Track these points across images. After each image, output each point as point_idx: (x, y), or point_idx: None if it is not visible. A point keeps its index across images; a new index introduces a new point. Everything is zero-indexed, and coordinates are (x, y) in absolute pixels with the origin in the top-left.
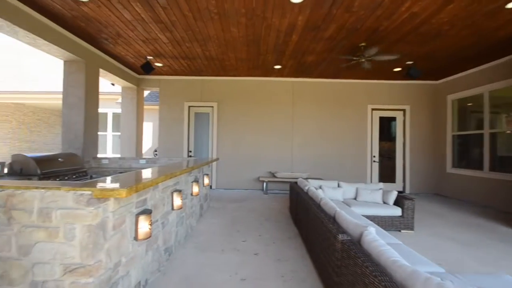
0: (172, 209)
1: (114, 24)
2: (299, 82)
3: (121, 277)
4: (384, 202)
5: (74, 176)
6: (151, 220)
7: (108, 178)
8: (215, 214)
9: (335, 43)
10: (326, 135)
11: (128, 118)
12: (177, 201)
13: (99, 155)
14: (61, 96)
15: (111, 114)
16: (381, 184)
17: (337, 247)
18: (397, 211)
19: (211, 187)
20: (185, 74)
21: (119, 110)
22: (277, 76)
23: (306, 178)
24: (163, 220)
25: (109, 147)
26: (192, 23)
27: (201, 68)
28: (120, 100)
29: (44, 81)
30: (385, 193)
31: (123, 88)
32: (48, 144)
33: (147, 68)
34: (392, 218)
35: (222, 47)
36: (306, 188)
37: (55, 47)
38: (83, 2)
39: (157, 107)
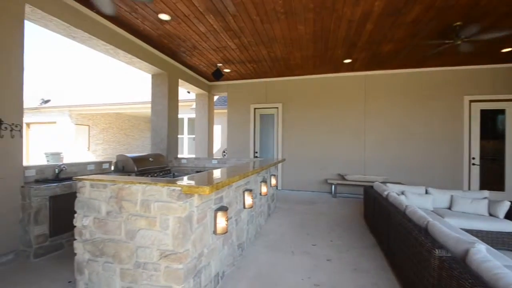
0: (244, 207)
1: (191, 38)
2: (372, 76)
3: (204, 267)
4: (491, 215)
5: (161, 174)
6: (227, 216)
7: (192, 176)
8: (282, 215)
9: (420, 27)
10: (406, 133)
11: (201, 122)
12: (248, 200)
13: (179, 156)
14: (147, 105)
15: (187, 119)
16: (486, 192)
17: (433, 264)
18: (509, 226)
19: (276, 188)
20: (250, 77)
21: (193, 115)
22: (346, 71)
23: (384, 182)
24: (236, 218)
25: (185, 148)
26: (259, 27)
27: (266, 70)
28: (194, 106)
29: (134, 93)
30: (492, 204)
31: (196, 95)
32: (139, 146)
33: (217, 75)
34: (502, 234)
35: (288, 46)
36: (386, 193)
37: (145, 63)
38: (166, 21)
39: (224, 110)
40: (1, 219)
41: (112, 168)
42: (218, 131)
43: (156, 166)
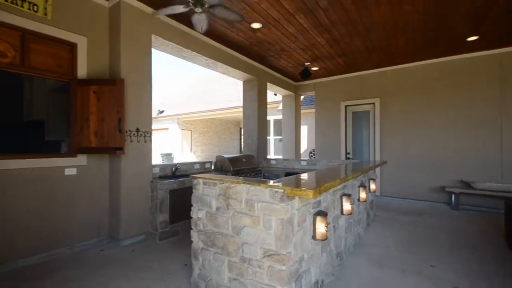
0: (342, 213)
1: (279, 41)
2: (510, 53)
3: (304, 272)
4: None
5: (253, 174)
6: (327, 222)
7: (290, 179)
8: (384, 226)
9: None
10: None
11: (287, 123)
12: (347, 205)
13: (268, 157)
14: (236, 110)
15: (272, 121)
16: None
17: None
18: None
19: (375, 194)
20: (341, 72)
21: (279, 117)
22: (469, 51)
23: None
24: (334, 224)
25: (271, 149)
26: (354, 16)
27: (360, 62)
28: (280, 108)
29: (225, 100)
30: None
31: (283, 96)
32: (230, 147)
33: (305, 74)
34: None
35: (389, 32)
36: None
37: (238, 71)
38: (258, 29)
39: (310, 110)
40: (139, 206)
41: (213, 167)
42: (305, 131)
43: (248, 167)
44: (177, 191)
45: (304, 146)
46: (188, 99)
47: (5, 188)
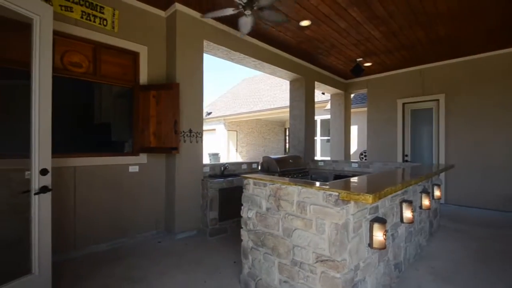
0: (401, 221)
1: (329, 37)
2: None
3: (360, 281)
4: None
5: (299, 175)
6: (385, 229)
7: (345, 181)
8: (450, 237)
9: None
10: None
11: (336, 123)
12: (407, 213)
13: (315, 158)
14: (280, 110)
15: (319, 121)
16: None
17: None
18: None
19: (440, 201)
20: (398, 67)
21: (326, 116)
22: None
23: None
24: (393, 232)
25: (318, 150)
26: (416, 4)
27: (421, 55)
28: (328, 107)
29: (270, 100)
30: None
31: (331, 95)
32: (274, 148)
33: (357, 71)
34: None
35: (458, 19)
36: None
37: (285, 71)
38: (306, 27)
39: (361, 109)
40: (191, 203)
41: (259, 168)
42: (354, 131)
43: (295, 168)
44: (226, 190)
45: (353, 147)
46: (234, 101)
47: (82, 182)
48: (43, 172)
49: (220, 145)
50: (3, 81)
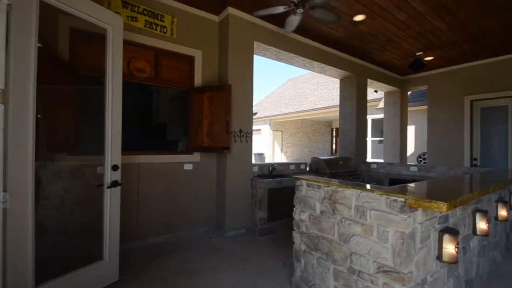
0: (474, 233)
1: (385, 31)
2: None
3: None
4: None
5: (350, 178)
6: (457, 241)
7: (418, 186)
8: None
9: None
10: None
11: (391, 123)
12: (481, 224)
13: (367, 160)
14: (327, 110)
15: (370, 120)
16: None
17: None
18: None
19: None
20: (465, 60)
21: (378, 116)
22: None
23: None
24: (464, 245)
25: (368, 151)
26: None
27: (493, 46)
28: (381, 106)
29: (316, 100)
30: None
31: (385, 93)
32: (320, 148)
33: (417, 66)
34: None
35: None
36: None
37: (335, 69)
38: (361, 22)
39: (418, 108)
40: (241, 201)
41: (307, 168)
42: (411, 132)
43: (345, 170)
44: (275, 190)
45: (410, 149)
46: (279, 101)
47: (144, 178)
48: (114, 168)
49: (265, 146)
50: (82, 87)
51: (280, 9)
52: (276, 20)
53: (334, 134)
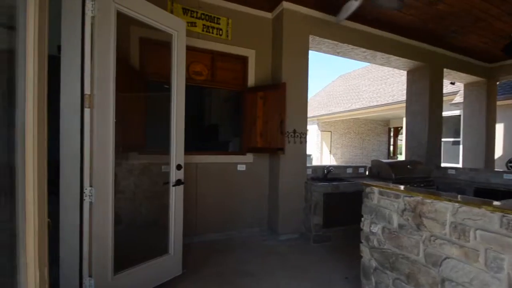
0: None
1: (472, 9)
2: None
3: None
4: None
5: (421, 185)
6: None
7: None
8: None
9: None
10: None
11: (473, 120)
12: None
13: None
14: (385, 107)
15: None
16: None
17: None
18: None
19: None
20: None
21: (452, 112)
22: None
23: None
24: None
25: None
26: None
27: None
28: (457, 100)
29: (371, 97)
30: None
31: (465, 85)
32: (375, 150)
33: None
34: None
35: None
36: None
37: (403, 59)
38: (440, 1)
39: (508, 102)
40: (294, 205)
41: (367, 173)
42: (499, 131)
43: (415, 175)
44: (331, 195)
45: (497, 152)
46: (328, 100)
47: (202, 177)
48: (178, 167)
49: (312, 147)
50: (150, 92)
51: (354, 3)
52: (333, 10)
53: (392, 134)
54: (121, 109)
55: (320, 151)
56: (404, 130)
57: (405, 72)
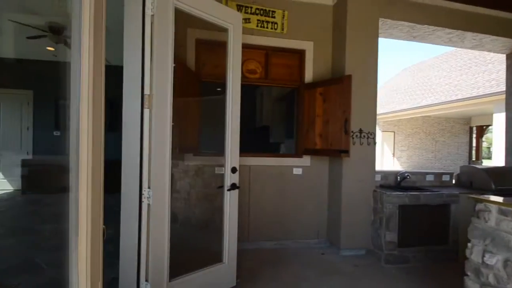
0: None
1: None
2: None
3: None
4: None
5: None
6: None
7: None
8: None
9: None
10: None
11: None
12: None
13: None
14: (468, 102)
15: None
16: None
17: None
18: None
19: None
20: None
21: None
22: None
23: None
24: None
25: None
26: None
27: None
28: None
29: (446, 90)
30: None
31: None
32: (451, 153)
33: None
34: None
35: None
36: None
37: (502, 39)
38: None
39: None
40: (359, 216)
41: (453, 181)
42: None
43: None
44: (409, 208)
45: None
46: (390, 96)
47: (255, 180)
48: (233, 170)
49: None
50: (205, 93)
51: None
52: None
53: (474, 134)
54: (177, 110)
55: (381, 154)
56: (492, 128)
57: (495, 58)
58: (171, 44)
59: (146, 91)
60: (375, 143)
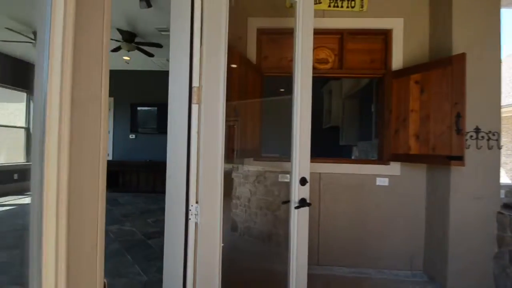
0: None
1: None
2: None
3: None
4: None
5: None
6: None
7: None
8: None
9: None
10: None
11: None
12: None
13: None
14: None
15: None
16: None
17: None
18: None
19: None
20: None
21: None
22: None
23: None
24: None
25: None
26: None
27: None
28: None
29: None
30: None
31: None
32: None
33: None
34: None
35: None
36: None
37: None
38: None
39: None
40: (474, 246)
41: None
42: None
43: None
44: None
45: None
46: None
47: (326, 191)
48: (302, 181)
49: None
50: (268, 90)
51: None
52: None
53: None
54: (235, 107)
55: None
56: None
57: None
58: (225, 18)
59: (195, 82)
60: (499, 147)
